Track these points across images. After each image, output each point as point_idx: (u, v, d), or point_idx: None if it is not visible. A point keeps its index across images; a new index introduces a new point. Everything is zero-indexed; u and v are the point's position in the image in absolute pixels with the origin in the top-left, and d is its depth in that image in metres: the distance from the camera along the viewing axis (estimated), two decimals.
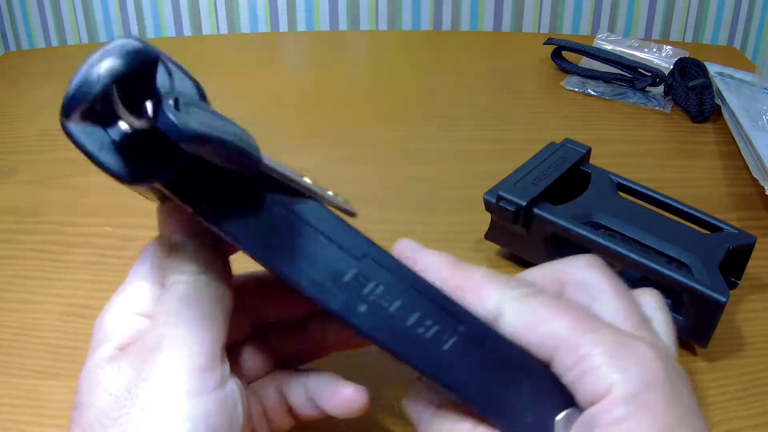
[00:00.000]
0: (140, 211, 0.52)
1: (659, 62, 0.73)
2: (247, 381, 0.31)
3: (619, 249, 0.39)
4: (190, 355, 0.25)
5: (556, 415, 0.24)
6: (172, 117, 0.20)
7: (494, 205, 0.43)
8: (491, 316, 0.25)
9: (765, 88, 0.65)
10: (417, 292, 0.25)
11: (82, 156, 0.24)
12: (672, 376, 0.23)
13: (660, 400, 0.22)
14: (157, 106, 0.22)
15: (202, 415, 0.25)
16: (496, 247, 0.47)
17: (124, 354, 0.26)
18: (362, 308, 0.25)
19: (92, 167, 0.23)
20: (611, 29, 0.94)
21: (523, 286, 0.25)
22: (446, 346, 0.25)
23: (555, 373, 0.24)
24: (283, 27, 0.93)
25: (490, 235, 0.46)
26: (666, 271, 0.38)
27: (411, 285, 0.25)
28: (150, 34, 0.92)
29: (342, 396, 0.29)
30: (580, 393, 0.23)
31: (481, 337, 0.25)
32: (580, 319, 0.24)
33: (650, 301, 0.27)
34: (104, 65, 0.21)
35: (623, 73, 0.69)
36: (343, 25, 0.93)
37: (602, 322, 0.24)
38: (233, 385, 0.27)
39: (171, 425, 0.24)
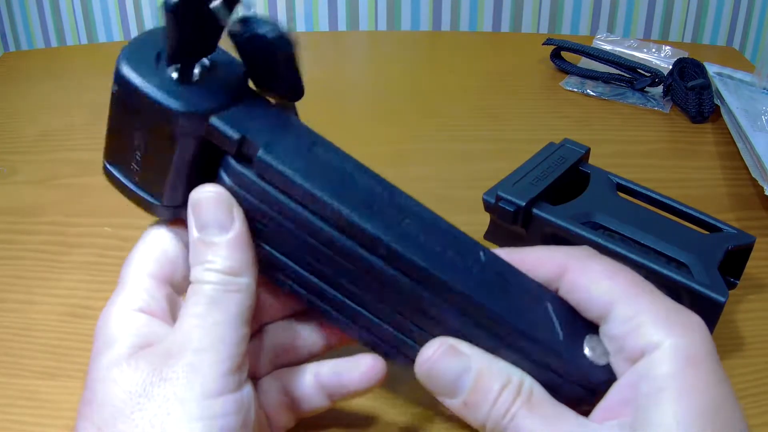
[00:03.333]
0: (140, 211, 0.52)
1: (658, 62, 0.73)
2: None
3: (618, 249, 0.39)
4: (217, 360, 0.25)
5: (583, 336, 0.26)
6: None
7: (493, 205, 0.43)
8: (555, 275, 0.27)
9: (764, 89, 0.65)
10: (441, 229, 0.28)
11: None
12: (715, 352, 0.24)
13: (709, 368, 0.23)
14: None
15: (219, 416, 0.25)
16: (495, 247, 0.47)
17: (142, 353, 0.26)
18: (398, 231, 0.26)
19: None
20: (610, 29, 0.94)
21: (585, 248, 0.27)
22: (474, 271, 0.27)
23: (609, 327, 0.26)
24: None
25: (489, 236, 0.46)
26: (665, 271, 0.38)
27: (434, 222, 0.28)
28: None
29: (364, 367, 0.30)
30: (633, 343, 0.24)
31: (501, 270, 0.28)
32: (638, 281, 0.26)
33: None
34: None
35: (622, 73, 0.69)
36: (342, 26, 0.93)
37: (656, 288, 0.26)
38: (249, 387, 0.27)
39: (187, 424, 0.24)
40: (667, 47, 0.75)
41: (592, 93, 0.68)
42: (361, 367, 0.30)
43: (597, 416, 0.25)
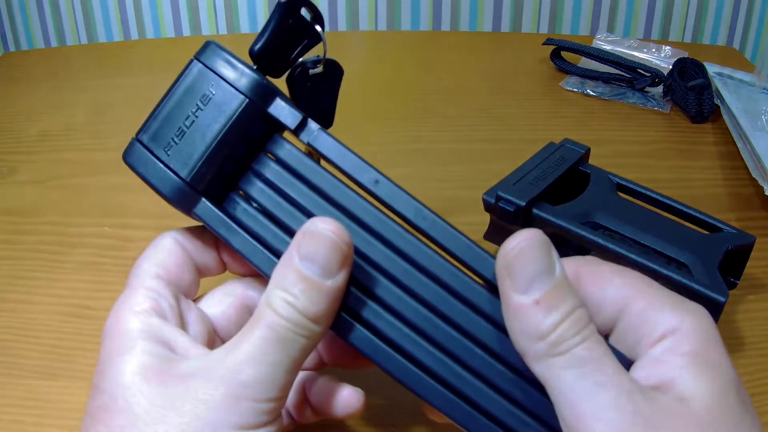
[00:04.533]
0: (140, 211, 0.52)
1: (658, 62, 0.73)
2: None
3: (618, 249, 0.39)
4: (261, 399, 0.25)
5: None
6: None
7: (493, 205, 0.43)
8: (575, 272, 0.27)
9: (764, 89, 0.65)
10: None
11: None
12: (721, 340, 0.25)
13: (723, 348, 0.24)
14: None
15: None
16: (495, 247, 0.47)
17: (177, 370, 0.25)
18: None
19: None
20: (610, 29, 0.94)
21: (592, 257, 0.28)
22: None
23: (626, 321, 0.26)
24: None
25: (489, 236, 0.46)
26: (665, 272, 0.38)
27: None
28: (149, 34, 0.92)
29: (340, 397, 0.29)
30: (652, 330, 0.24)
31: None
32: (645, 279, 0.26)
33: None
34: None
35: (622, 73, 0.69)
36: (342, 26, 0.93)
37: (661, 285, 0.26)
38: (282, 419, 0.27)
39: None
40: (667, 47, 0.75)
41: (592, 93, 0.68)
42: (336, 397, 0.30)
43: None
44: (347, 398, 0.29)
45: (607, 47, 0.75)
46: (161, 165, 0.29)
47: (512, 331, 0.25)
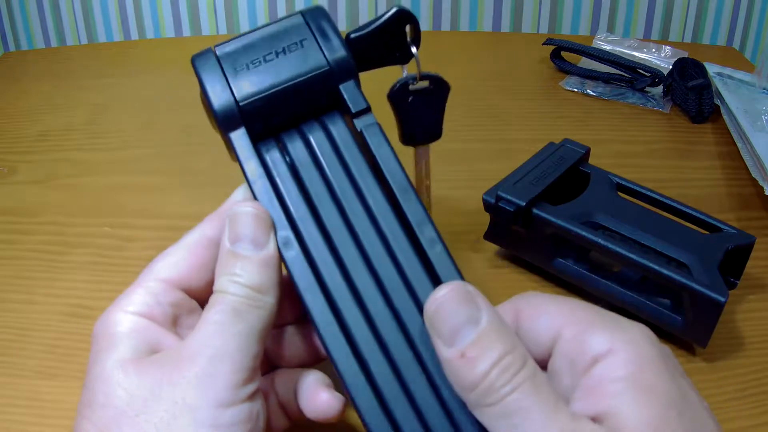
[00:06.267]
0: (140, 211, 0.52)
1: (658, 62, 0.73)
2: None
3: (618, 249, 0.39)
4: (232, 370, 0.25)
5: None
6: None
7: (493, 205, 0.43)
8: (512, 323, 0.26)
9: (764, 89, 0.65)
10: None
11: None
12: (667, 354, 0.24)
13: (661, 368, 0.23)
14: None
15: (228, 425, 0.25)
16: (495, 247, 0.47)
17: (151, 358, 0.26)
18: None
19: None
20: (610, 29, 0.94)
21: (531, 292, 0.27)
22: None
23: (560, 347, 0.25)
24: None
25: (489, 236, 0.46)
26: (665, 271, 0.38)
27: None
28: (149, 34, 0.92)
29: (318, 400, 0.29)
30: (584, 356, 0.24)
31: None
32: (581, 304, 0.26)
33: None
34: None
35: (622, 73, 0.69)
36: (342, 26, 0.93)
37: (600, 308, 0.26)
38: (260, 399, 0.27)
39: (194, 430, 0.24)
40: (667, 47, 0.75)
41: (592, 93, 0.68)
42: (316, 399, 0.29)
43: None
44: (326, 401, 0.29)
45: (607, 47, 0.75)
46: (224, 79, 0.29)
47: (449, 380, 0.25)
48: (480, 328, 0.24)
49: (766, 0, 0.92)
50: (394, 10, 0.33)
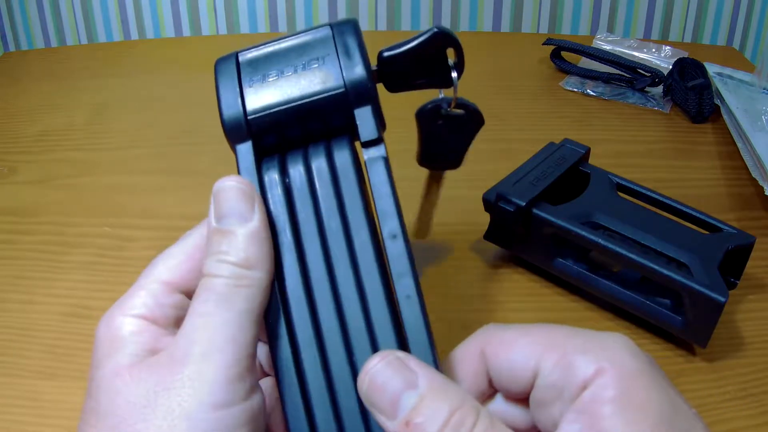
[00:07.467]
0: (140, 211, 0.52)
1: (658, 62, 0.73)
2: None
3: (618, 249, 0.39)
4: (225, 365, 0.24)
5: None
6: None
7: (493, 205, 0.43)
8: (480, 367, 0.26)
9: (764, 89, 0.65)
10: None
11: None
12: (651, 362, 0.24)
13: (648, 381, 0.23)
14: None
15: (227, 428, 0.24)
16: (495, 247, 0.47)
17: (146, 362, 0.25)
18: None
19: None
20: (610, 29, 0.94)
21: (490, 325, 0.27)
22: None
23: (543, 378, 0.24)
24: (282, 28, 0.93)
25: (489, 236, 0.46)
26: (665, 272, 0.38)
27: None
28: (149, 34, 0.92)
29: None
30: (572, 382, 0.23)
31: None
32: (551, 328, 0.25)
33: None
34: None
35: (622, 73, 0.69)
36: None
37: (570, 327, 0.25)
38: (259, 394, 0.26)
39: None
40: (667, 47, 0.75)
41: (592, 93, 0.68)
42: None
43: None
44: None
45: (607, 47, 0.75)
46: (239, 89, 0.29)
47: None
48: (419, 391, 0.23)
49: (766, 0, 0.92)
50: (431, 30, 0.31)
